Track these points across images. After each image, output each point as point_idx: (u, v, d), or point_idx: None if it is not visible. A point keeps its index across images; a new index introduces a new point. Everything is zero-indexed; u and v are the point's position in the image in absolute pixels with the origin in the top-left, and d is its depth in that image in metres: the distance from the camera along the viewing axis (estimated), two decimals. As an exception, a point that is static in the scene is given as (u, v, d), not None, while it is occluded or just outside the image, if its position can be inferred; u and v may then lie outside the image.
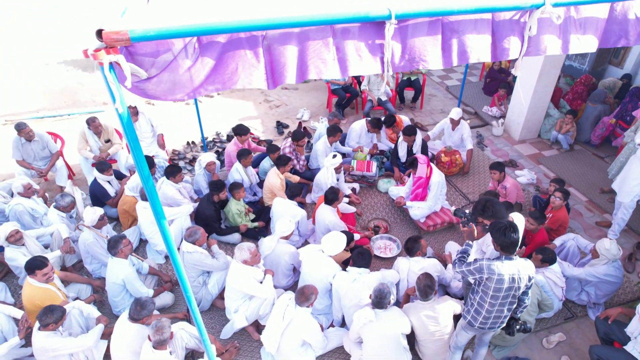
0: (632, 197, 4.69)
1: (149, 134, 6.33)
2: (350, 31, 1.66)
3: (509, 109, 7.06)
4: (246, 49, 1.65)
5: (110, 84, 1.54)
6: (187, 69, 1.68)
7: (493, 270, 2.99)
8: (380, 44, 1.69)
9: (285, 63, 1.67)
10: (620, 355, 3.46)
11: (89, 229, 4.57)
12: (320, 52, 1.68)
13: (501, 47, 1.88)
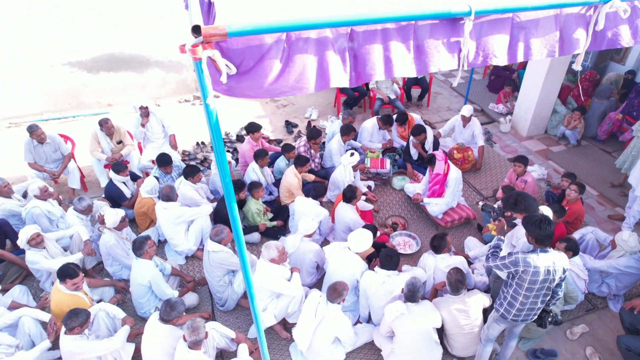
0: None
1: (160, 135, 6.30)
2: (429, 29, 1.69)
3: (516, 105, 7.16)
4: (331, 48, 1.65)
5: (206, 78, 1.54)
6: (274, 67, 1.67)
7: (529, 263, 3.04)
8: (457, 40, 1.72)
9: (371, 61, 1.69)
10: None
11: (110, 231, 4.55)
12: (401, 49, 1.70)
13: (566, 42, 1.92)
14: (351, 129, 5.88)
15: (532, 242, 3.13)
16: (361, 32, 1.62)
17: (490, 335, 3.56)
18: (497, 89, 8.31)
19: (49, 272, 4.52)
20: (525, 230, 3.15)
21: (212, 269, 4.25)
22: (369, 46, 1.65)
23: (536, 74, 6.50)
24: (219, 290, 4.32)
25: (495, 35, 1.79)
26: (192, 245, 4.95)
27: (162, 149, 6.28)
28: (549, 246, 3.10)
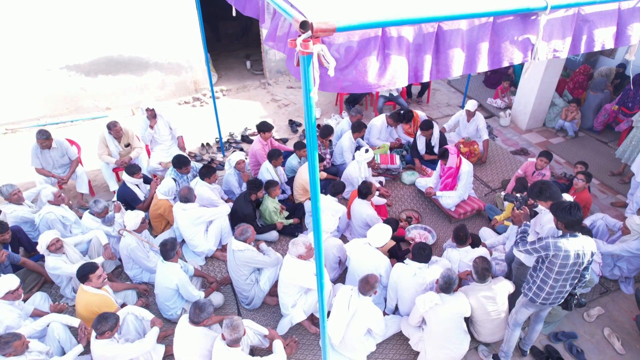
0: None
1: (167, 137, 6.26)
2: (506, 25, 1.77)
3: (515, 100, 7.36)
4: (419, 45, 1.71)
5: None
6: (372, 63, 1.72)
7: (560, 247, 3.17)
8: (528, 36, 1.81)
9: (454, 57, 1.76)
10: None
11: (131, 234, 4.52)
12: (478, 46, 1.78)
13: (624, 34, 2.04)
14: (362, 126, 5.97)
15: (561, 227, 3.26)
16: (446, 30, 1.69)
17: (518, 319, 3.69)
18: (494, 84, 8.52)
19: (70, 277, 4.48)
20: (555, 217, 3.28)
21: (238, 268, 4.27)
22: (452, 42, 1.73)
23: (535, 69, 6.71)
24: (246, 289, 4.35)
25: (562, 29, 1.89)
26: (212, 246, 4.95)
27: (170, 151, 6.26)
28: (578, 231, 3.23)
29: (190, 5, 7.74)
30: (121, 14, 7.37)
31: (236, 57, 10.23)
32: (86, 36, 7.37)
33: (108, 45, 7.62)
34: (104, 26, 7.39)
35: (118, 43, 7.66)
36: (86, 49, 7.51)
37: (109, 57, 7.74)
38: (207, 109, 8.35)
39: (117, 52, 7.75)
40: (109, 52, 7.70)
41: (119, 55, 7.79)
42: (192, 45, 8.16)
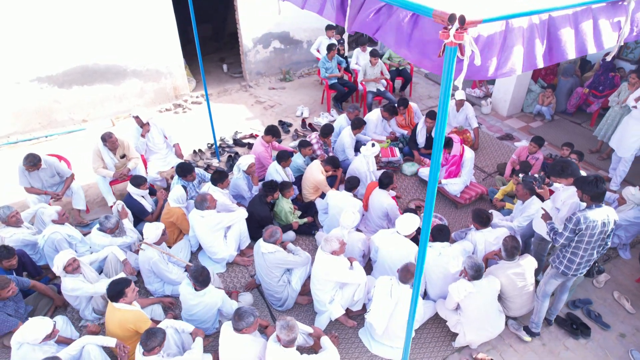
0: (631, 152, 5.48)
1: (162, 146, 6.08)
2: (599, 11, 1.91)
3: (495, 88, 7.77)
4: (536, 33, 1.81)
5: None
6: (498, 51, 1.78)
7: (588, 219, 3.42)
8: (619, 20, 1.97)
9: (566, 41, 1.88)
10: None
11: (151, 246, 4.36)
12: (576, 31, 1.92)
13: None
14: (362, 122, 6.08)
15: (587, 200, 3.51)
16: (556, 17, 1.82)
17: (547, 290, 3.94)
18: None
19: (89, 298, 4.26)
20: (580, 191, 3.53)
21: (270, 271, 4.24)
22: (562, 30, 1.85)
23: (513, 58, 7.10)
24: (278, 290, 4.33)
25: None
26: (233, 251, 4.88)
27: (167, 159, 6.09)
28: (602, 202, 3.51)
29: (166, 10, 7.52)
30: (95, 20, 7.03)
31: (210, 61, 10.03)
32: (58, 45, 6.96)
33: (82, 54, 7.24)
34: (78, 34, 7.02)
35: (93, 51, 7.30)
36: (59, 59, 7.10)
37: (84, 66, 7.36)
38: (190, 115, 8.16)
39: (92, 60, 7.38)
40: (84, 62, 7.32)
41: (94, 64, 7.43)
42: (170, 50, 7.93)
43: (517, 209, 4.90)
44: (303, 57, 9.48)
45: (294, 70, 9.50)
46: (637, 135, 5.35)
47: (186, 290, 3.96)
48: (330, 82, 7.83)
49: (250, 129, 7.67)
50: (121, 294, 3.63)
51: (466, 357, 4.01)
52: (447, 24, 1.55)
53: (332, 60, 7.82)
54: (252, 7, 8.27)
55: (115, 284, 3.65)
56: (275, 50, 9.05)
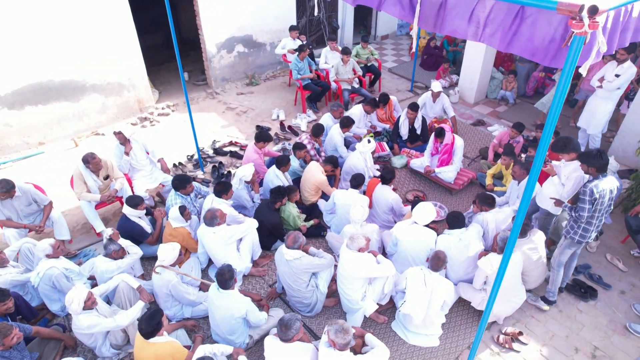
0: (600, 129, 6.01)
1: (146, 162, 5.73)
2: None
3: (461, 77, 8.16)
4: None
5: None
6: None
7: (599, 188, 3.73)
8: None
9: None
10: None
11: (167, 269, 4.11)
12: None
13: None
14: (351, 121, 6.12)
15: (592, 172, 3.82)
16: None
17: (562, 260, 4.23)
18: (430, 67, 9.30)
19: (105, 334, 3.93)
20: (585, 164, 3.83)
21: (297, 277, 4.16)
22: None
23: (477, 48, 7.52)
24: (307, 296, 4.26)
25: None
26: (248, 263, 4.72)
27: (153, 176, 5.76)
28: (606, 171, 3.82)
29: (125, 18, 7.07)
30: (48, 33, 6.45)
31: (168, 70, 9.57)
32: (6, 63, 6.31)
33: (34, 71, 6.61)
34: (27, 49, 6.40)
35: (46, 67, 6.69)
36: (7, 78, 6.43)
37: (37, 84, 6.72)
38: (159, 128, 7.74)
39: (46, 77, 6.76)
40: (37, 79, 6.69)
41: (48, 81, 6.81)
42: (131, 61, 7.47)
43: (512, 189, 5.19)
44: (267, 60, 9.34)
45: (259, 74, 9.34)
46: (604, 112, 5.87)
47: (213, 290, 3.83)
48: (304, 83, 7.80)
49: (227, 136, 7.43)
50: (159, 328, 3.39)
51: (497, 334, 4.19)
52: (575, 15, 1.62)
53: (304, 61, 7.79)
54: (214, 11, 8.01)
55: (150, 319, 3.37)
56: (239, 55, 8.83)
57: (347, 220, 5.11)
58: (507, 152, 5.56)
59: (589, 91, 7.00)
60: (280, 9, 8.89)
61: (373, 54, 8.57)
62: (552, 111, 1.93)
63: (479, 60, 7.61)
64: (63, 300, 4.34)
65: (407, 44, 11.31)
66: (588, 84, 6.93)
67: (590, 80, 6.87)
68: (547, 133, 2.02)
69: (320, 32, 10.04)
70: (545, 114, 7.12)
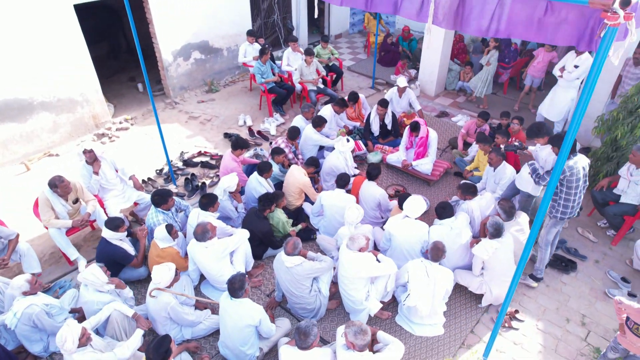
0: (562, 116, 6.42)
1: (116, 180, 5.40)
2: None
3: (421, 71, 8.40)
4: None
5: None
6: None
7: (571, 167, 3.98)
8: None
9: None
10: (621, 206, 4.98)
11: (164, 291, 3.90)
12: None
13: None
14: (323, 119, 6.12)
15: None
16: None
17: (549, 239, 4.48)
18: (388, 63, 9.50)
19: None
20: (556, 147, 4.08)
21: (299, 283, 4.10)
22: None
23: (435, 42, 7.78)
24: (311, 301, 4.20)
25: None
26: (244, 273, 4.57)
27: (126, 195, 5.43)
28: (576, 152, 4.09)
29: (72, 28, 6.61)
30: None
31: (119, 82, 9.07)
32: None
33: (-26, 92, 6.02)
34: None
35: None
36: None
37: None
38: (119, 143, 7.32)
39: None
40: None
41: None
42: (83, 75, 7.00)
43: (489, 175, 5.42)
44: (225, 65, 9.11)
45: (218, 80, 9.09)
46: (565, 101, 6.28)
47: (225, 300, 3.71)
48: (269, 87, 7.69)
49: (195, 147, 7.17)
50: (168, 355, 3.20)
51: (495, 315, 4.37)
52: (607, 8, 1.70)
53: (267, 64, 7.67)
54: (167, 18, 7.68)
55: (158, 347, 3.16)
56: (196, 62, 8.54)
57: (337, 221, 5.12)
58: (481, 140, 5.78)
59: (534, 77, 7.50)
60: (234, 13, 8.70)
61: (333, 54, 8.62)
62: (579, 108, 2.02)
63: (437, 54, 7.88)
64: (45, 340, 4.04)
65: (361, 41, 11.49)
66: (534, 70, 7.43)
67: (535, 67, 7.39)
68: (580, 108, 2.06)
69: (276, 34, 9.94)
70: (481, 98, 7.57)
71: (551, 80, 7.01)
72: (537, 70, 7.41)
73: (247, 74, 9.34)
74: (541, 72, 7.42)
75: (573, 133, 2.14)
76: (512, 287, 3.03)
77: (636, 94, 5.23)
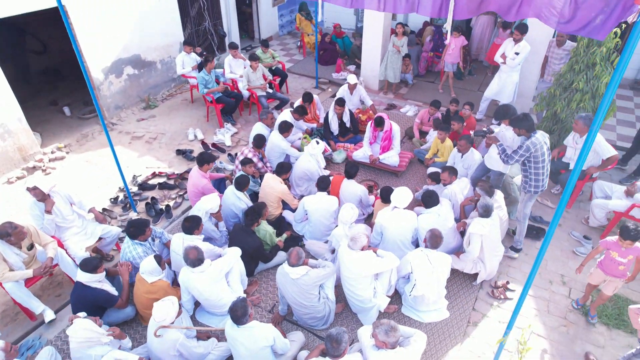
0: (511, 99, 6.92)
1: (74, 216, 4.85)
2: None
3: (362, 67, 8.59)
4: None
5: None
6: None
7: (535, 143, 4.33)
8: None
9: None
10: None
11: (169, 327, 3.59)
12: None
13: None
14: (289, 125, 6.02)
15: (524, 132, 4.39)
16: None
17: (526, 212, 4.82)
18: (327, 61, 9.59)
19: None
20: (517, 127, 4.40)
21: (308, 294, 4.00)
22: None
23: (374, 38, 8.01)
24: (320, 309, 4.12)
25: None
26: (242, 294, 4.35)
27: (87, 231, 4.90)
28: (534, 130, 4.44)
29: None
30: None
31: (39, 107, 8.11)
32: None
33: None
34: None
35: None
36: None
37: None
38: (56, 175, 6.56)
39: None
40: None
41: None
42: (3, 104, 6.16)
43: (456, 161, 5.69)
44: (160, 79, 8.56)
45: (154, 95, 8.51)
46: (512, 83, 6.78)
47: (231, 329, 3.50)
48: (216, 97, 7.38)
49: (147, 168, 6.66)
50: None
51: (491, 289, 4.64)
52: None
53: (211, 73, 7.35)
54: (93, 33, 7.01)
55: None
56: (130, 78, 7.92)
57: (323, 224, 5.08)
58: (439, 127, 6.07)
59: (451, 63, 8.03)
60: (164, 22, 8.21)
61: (275, 57, 8.50)
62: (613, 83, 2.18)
63: (377, 48, 8.11)
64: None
65: (293, 42, 11.47)
66: (450, 56, 7.95)
67: (450, 54, 7.92)
68: (608, 96, 2.21)
69: (209, 42, 9.55)
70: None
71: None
72: (452, 56, 7.99)
73: (185, 86, 8.88)
74: (456, 57, 7.99)
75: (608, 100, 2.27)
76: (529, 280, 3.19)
77: (568, 71, 5.84)
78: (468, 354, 4.06)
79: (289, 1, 11.60)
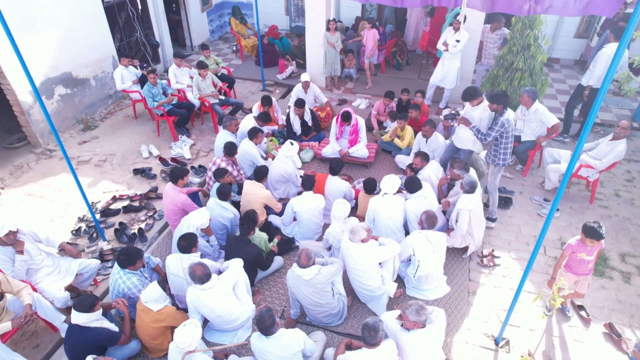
0: (454, 84, 7.37)
1: (42, 256, 4.38)
2: None
3: (308, 66, 8.63)
4: None
5: None
6: None
7: (508, 119, 4.77)
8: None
9: None
10: (524, 144, 6.10)
11: (195, 352, 3.39)
12: None
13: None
14: (259, 130, 5.91)
15: (499, 108, 4.82)
16: None
17: (496, 184, 5.23)
18: (269, 63, 9.52)
19: None
20: (495, 103, 4.79)
21: (322, 292, 4.01)
22: None
23: (316, 36, 8.11)
24: (335, 305, 4.15)
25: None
26: (251, 304, 4.22)
27: (61, 269, 4.46)
28: (507, 107, 4.88)
29: None
30: None
31: (-48, 141, 7.10)
32: None
33: None
34: None
35: None
36: None
37: None
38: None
39: None
40: None
41: None
42: None
43: (421, 146, 6.00)
44: (96, 97, 7.90)
45: (91, 115, 7.84)
46: (454, 69, 7.22)
47: (259, 341, 3.45)
48: (167, 108, 7.00)
49: (104, 193, 6.15)
50: None
51: (479, 259, 4.98)
52: None
53: (157, 86, 6.96)
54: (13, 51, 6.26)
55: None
56: (62, 98, 7.21)
57: (314, 223, 5.10)
58: (398, 117, 6.34)
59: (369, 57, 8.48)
60: (93, 35, 7.58)
61: (219, 63, 8.25)
62: (610, 74, 2.46)
63: (320, 46, 8.22)
64: None
65: (226, 47, 11.20)
66: (367, 51, 8.38)
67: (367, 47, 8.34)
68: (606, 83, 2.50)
69: (142, 53, 9.00)
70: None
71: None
72: (368, 49, 8.41)
73: (124, 102, 8.30)
74: (371, 50, 8.41)
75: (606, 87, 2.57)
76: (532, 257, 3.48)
77: (507, 53, 6.42)
78: (476, 321, 4.34)
79: (217, 6, 11.30)
